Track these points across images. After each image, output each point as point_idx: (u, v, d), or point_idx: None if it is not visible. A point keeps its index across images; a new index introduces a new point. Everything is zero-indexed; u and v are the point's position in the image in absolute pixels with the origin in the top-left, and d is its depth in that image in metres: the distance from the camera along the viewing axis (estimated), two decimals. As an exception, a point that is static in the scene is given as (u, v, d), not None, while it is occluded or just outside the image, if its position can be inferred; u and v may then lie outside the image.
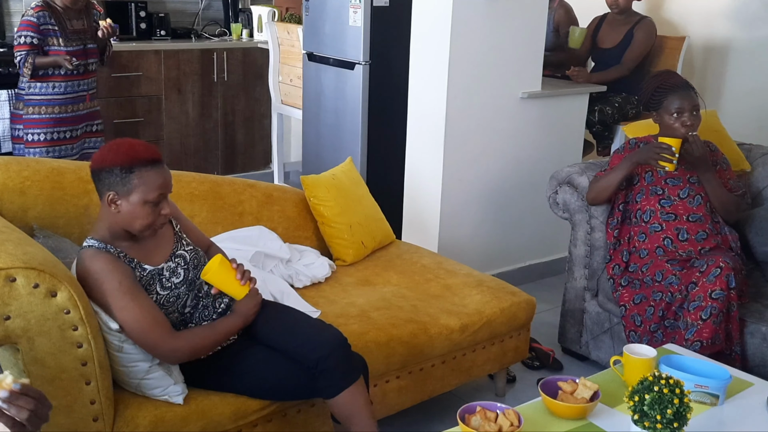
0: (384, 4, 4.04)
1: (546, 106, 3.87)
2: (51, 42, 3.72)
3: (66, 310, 1.80)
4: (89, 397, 1.87)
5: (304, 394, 2.14)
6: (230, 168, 5.53)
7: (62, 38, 3.73)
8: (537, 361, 3.17)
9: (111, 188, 1.94)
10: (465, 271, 2.95)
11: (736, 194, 2.87)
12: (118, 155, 1.93)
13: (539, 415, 1.91)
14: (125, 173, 1.92)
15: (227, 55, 5.31)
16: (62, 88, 3.79)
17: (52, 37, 3.72)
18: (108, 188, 1.94)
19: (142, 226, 1.97)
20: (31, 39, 3.67)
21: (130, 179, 1.93)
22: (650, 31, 4.45)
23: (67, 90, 3.80)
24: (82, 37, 3.83)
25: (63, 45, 3.73)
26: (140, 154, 1.94)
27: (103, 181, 1.94)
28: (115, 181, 1.93)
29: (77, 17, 3.83)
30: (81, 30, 3.84)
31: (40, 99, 3.77)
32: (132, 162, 1.93)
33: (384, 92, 4.18)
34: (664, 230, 2.81)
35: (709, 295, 2.55)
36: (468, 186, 3.68)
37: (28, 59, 3.66)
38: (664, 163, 2.72)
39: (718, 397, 2.01)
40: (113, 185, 1.93)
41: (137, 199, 1.94)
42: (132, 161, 1.93)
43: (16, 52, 3.71)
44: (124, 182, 1.93)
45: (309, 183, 3.04)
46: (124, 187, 1.93)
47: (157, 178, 1.96)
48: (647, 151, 2.78)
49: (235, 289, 2.08)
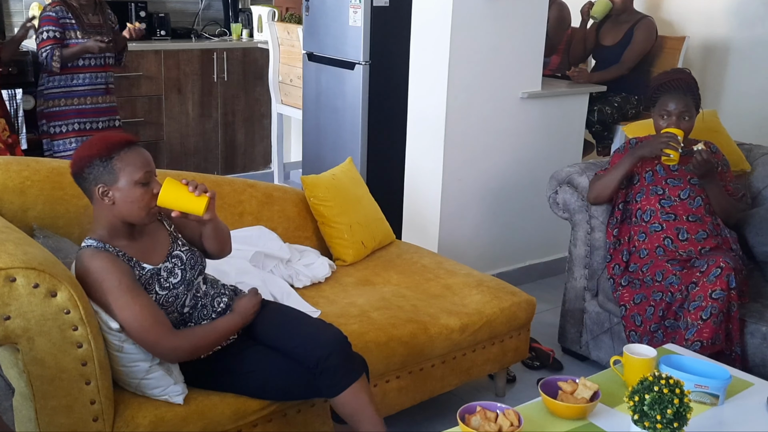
0: (384, 4, 4.04)
1: (546, 106, 3.87)
2: (70, 35, 3.77)
3: (66, 310, 1.80)
4: (89, 397, 1.87)
5: (304, 393, 2.14)
6: (230, 168, 5.53)
7: (80, 31, 3.79)
8: (537, 361, 3.17)
9: (98, 181, 1.94)
10: (465, 271, 2.95)
11: (735, 198, 2.87)
12: (93, 148, 1.95)
13: (539, 415, 1.91)
14: (106, 161, 1.93)
15: (227, 55, 5.31)
16: (83, 79, 3.85)
17: (70, 30, 3.78)
18: (95, 183, 1.94)
19: (141, 210, 1.97)
20: (53, 33, 3.72)
21: (112, 165, 1.93)
22: (650, 30, 4.45)
23: (87, 82, 3.86)
24: (99, 31, 3.88)
25: (82, 38, 3.79)
26: (114, 139, 1.96)
27: (88, 177, 1.95)
28: (99, 173, 1.93)
29: (93, 12, 3.89)
30: (97, 24, 3.90)
31: (60, 92, 3.82)
32: (109, 149, 1.94)
33: (384, 92, 4.17)
34: (665, 230, 2.81)
35: (710, 295, 2.55)
36: (468, 186, 3.68)
37: (55, 53, 3.70)
38: (670, 151, 2.71)
39: (718, 397, 2.01)
40: (99, 178, 1.94)
41: (126, 182, 1.94)
42: (108, 148, 1.94)
43: (41, 50, 3.73)
44: (107, 171, 1.93)
45: (309, 183, 3.04)
46: (109, 175, 1.93)
47: (138, 157, 1.96)
48: (651, 142, 2.77)
49: (192, 203, 1.98)
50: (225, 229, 2.21)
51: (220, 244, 2.21)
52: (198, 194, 1.98)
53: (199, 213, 1.99)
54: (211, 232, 2.16)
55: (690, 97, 2.81)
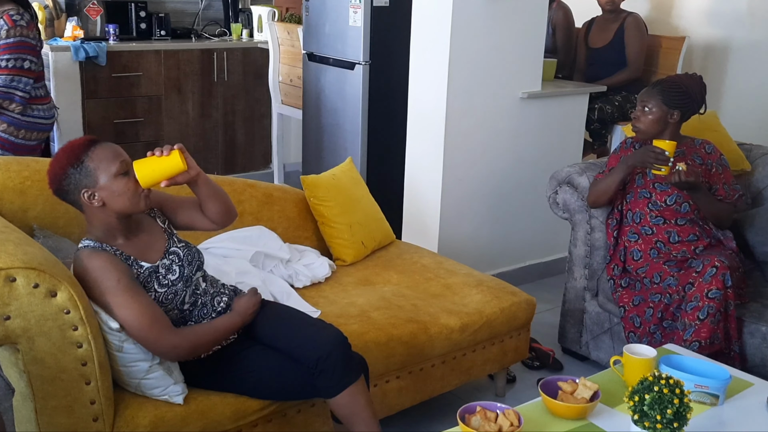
0: (384, 4, 4.04)
1: (546, 106, 3.87)
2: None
3: (66, 310, 1.80)
4: (89, 397, 1.87)
5: (304, 394, 2.14)
6: (230, 168, 5.53)
7: None
8: (537, 361, 3.17)
9: (79, 188, 1.94)
10: (465, 270, 2.95)
11: (728, 201, 2.85)
12: (61, 161, 1.95)
13: (539, 415, 1.91)
14: (78, 166, 1.93)
15: (227, 55, 5.31)
16: None
17: None
18: (77, 190, 1.95)
19: (132, 198, 1.97)
20: None
21: (86, 167, 1.93)
22: (640, 26, 4.48)
23: None
24: None
25: None
26: (76, 143, 1.97)
27: (69, 188, 1.95)
28: (77, 180, 1.94)
29: None
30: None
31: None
32: (76, 153, 1.94)
33: (384, 92, 4.18)
34: (655, 233, 2.82)
35: (706, 295, 2.55)
36: (468, 186, 3.68)
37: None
38: (659, 165, 2.72)
39: (718, 397, 2.01)
40: (79, 184, 1.94)
41: (106, 178, 1.94)
42: (76, 153, 1.94)
43: None
44: (84, 174, 1.93)
45: (309, 183, 3.04)
46: (88, 178, 1.93)
47: (106, 150, 1.96)
48: (641, 154, 2.78)
49: (168, 163, 1.96)
50: (218, 187, 2.15)
51: (222, 203, 2.15)
52: (167, 153, 1.98)
53: (181, 166, 1.98)
54: (205, 189, 2.11)
55: (657, 90, 2.82)
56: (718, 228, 2.85)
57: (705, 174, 2.82)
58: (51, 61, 4.55)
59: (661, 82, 2.89)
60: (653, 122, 2.81)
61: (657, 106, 2.80)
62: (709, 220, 2.83)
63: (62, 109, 4.61)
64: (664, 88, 2.82)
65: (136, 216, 2.07)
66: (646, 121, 2.82)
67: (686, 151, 2.84)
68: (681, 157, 2.77)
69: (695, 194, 2.75)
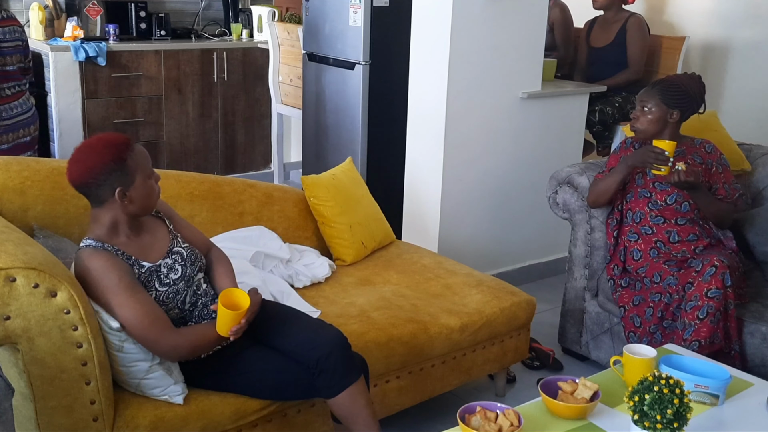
0: (384, 4, 4.04)
1: (546, 106, 3.87)
2: None
3: (66, 310, 1.80)
4: (89, 397, 1.87)
5: (304, 394, 2.14)
6: (230, 168, 5.53)
7: None
8: (537, 361, 3.17)
9: (115, 185, 1.95)
10: (465, 270, 2.95)
11: (728, 200, 2.85)
12: (102, 155, 1.94)
13: (539, 415, 1.91)
14: (121, 164, 1.94)
15: (227, 55, 5.31)
16: None
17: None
18: (111, 188, 1.95)
19: (155, 200, 2.06)
20: None
21: (126, 167, 1.95)
22: (642, 27, 4.47)
23: None
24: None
25: None
26: (119, 142, 1.98)
27: (103, 185, 1.95)
28: (115, 178, 1.94)
29: None
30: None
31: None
32: (120, 151, 1.95)
33: (384, 92, 4.18)
34: (655, 233, 2.82)
35: (705, 294, 2.55)
36: (468, 186, 3.68)
37: None
38: (659, 165, 2.72)
39: (718, 397, 2.01)
40: (116, 182, 1.95)
41: (141, 179, 1.99)
42: (119, 151, 1.95)
43: None
44: (124, 172, 1.95)
45: (309, 183, 3.04)
46: (126, 177, 1.95)
47: (142, 153, 2.02)
48: (641, 154, 2.78)
49: (222, 327, 1.99)
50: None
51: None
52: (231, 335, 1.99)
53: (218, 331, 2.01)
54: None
55: (656, 90, 2.82)
56: (719, 228, 2.85)
57: (705, 173, 2.82)
58: (51, 61, 4.55)
59: (660, 81, 2.89)
60: (653, 122, 2.81)
61: (656, 106, 2.80)
62: (709, 219, 2.83)
63: (62, 109, 4.64)
64: (663, 88, 2.82)
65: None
66: (646, 121, 2.82)
67: (686, 150, 2.84)
68: (681, 157, 2.77)
69: (695, 194, 2.75)
